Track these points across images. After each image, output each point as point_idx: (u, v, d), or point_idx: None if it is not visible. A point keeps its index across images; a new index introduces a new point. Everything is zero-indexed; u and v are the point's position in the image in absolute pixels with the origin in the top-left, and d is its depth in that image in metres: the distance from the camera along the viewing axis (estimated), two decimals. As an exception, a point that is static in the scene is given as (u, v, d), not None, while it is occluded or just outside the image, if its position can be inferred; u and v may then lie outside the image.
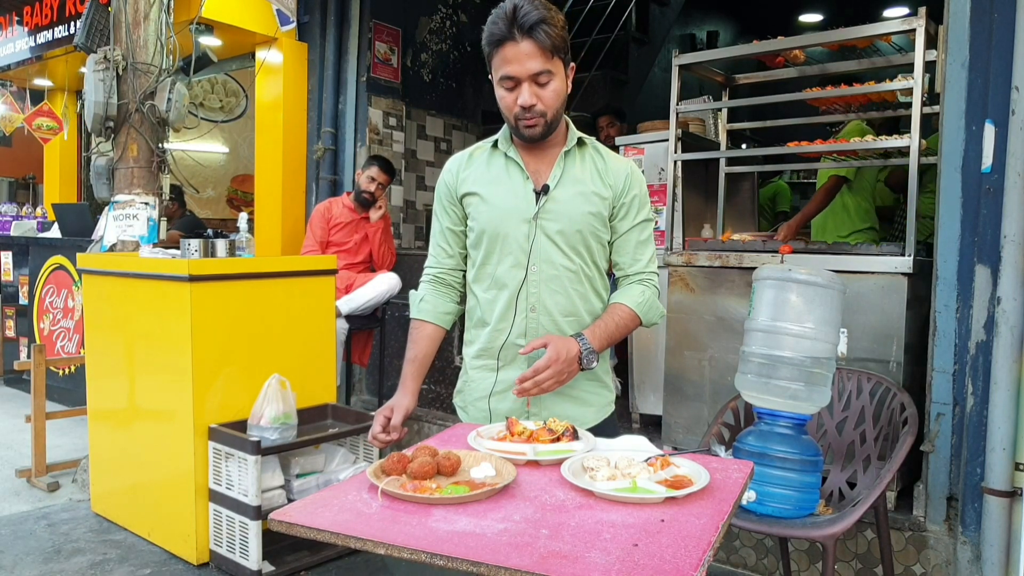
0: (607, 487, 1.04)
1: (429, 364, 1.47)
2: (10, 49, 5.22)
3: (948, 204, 2.15)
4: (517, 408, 1.41)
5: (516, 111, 1.32)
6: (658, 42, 6.29)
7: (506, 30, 1.27)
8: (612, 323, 1.38)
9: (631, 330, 1.43)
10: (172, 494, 2.49)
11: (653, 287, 1.43)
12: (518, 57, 1.28)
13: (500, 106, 1.36)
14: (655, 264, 1.46)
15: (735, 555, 2.48)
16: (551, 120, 1.34)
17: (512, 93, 1.32)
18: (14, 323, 4.97)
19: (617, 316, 1.39)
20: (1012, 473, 1.99)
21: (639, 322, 1.41)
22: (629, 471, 1.09)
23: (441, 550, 0.87)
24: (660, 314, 1.44)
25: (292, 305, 2.67)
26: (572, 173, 1.40)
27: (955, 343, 2.13)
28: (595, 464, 1.13)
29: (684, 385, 2.70)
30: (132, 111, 3.07)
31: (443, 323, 1.49)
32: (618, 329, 1.38)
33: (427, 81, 4.44)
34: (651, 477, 1.08)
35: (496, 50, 1.30)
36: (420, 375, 1.44)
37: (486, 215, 1.40)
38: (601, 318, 1.39)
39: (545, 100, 1.31)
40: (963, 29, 2.11)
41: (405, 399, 1.41)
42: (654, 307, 1.42)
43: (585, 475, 1.10)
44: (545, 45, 1.27)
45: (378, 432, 1.37)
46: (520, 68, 1.28)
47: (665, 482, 1.06)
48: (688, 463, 1.14)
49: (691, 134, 3.23)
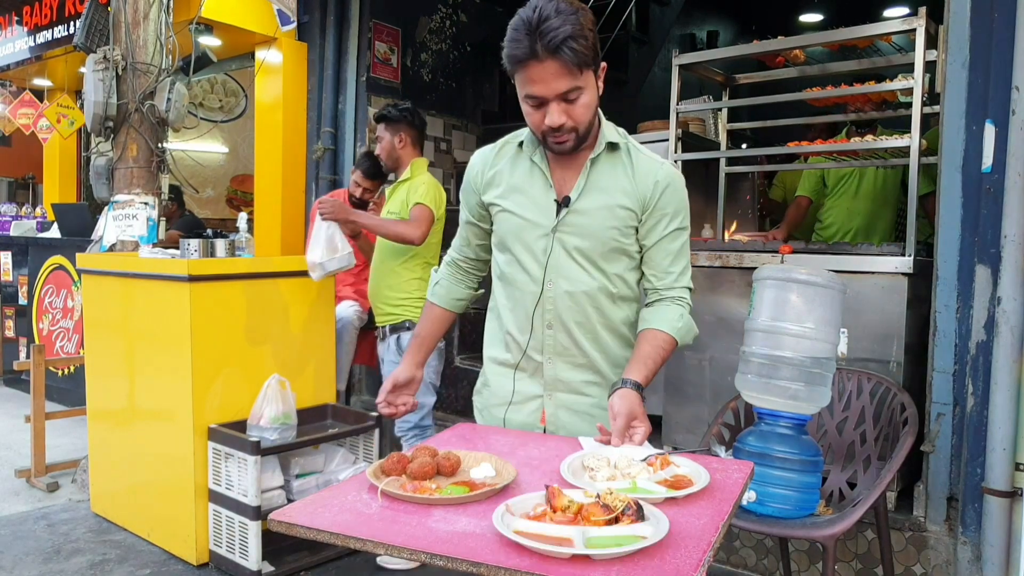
0: (606, 488, 1.03)
1: (434, 342, 1.50)
2: (9, 49, 5.22)
3: (948, 204, 2.15)
4: (531, 422, 1.37)
5: (544, 129, 1.23)
6: (658, 42, 6.28)
7: (528, 49, 1.14)
8: (658, 356, 1.28)
9: (670, 356, 1.32)
10: (172, 494, 2.49)
11: (687, 304, 1.33)
12: (544, 78, 1.16)
13: (527, 121, 1.26)
14: (688, 277, 1.34)
15: (735, 555, 2.48)
16: (583, 134, 1.25)
17: (539, 111, 1.21)
18: (13, 323, 4.97)
19: (658, 347, 1.28)
20: (1012, 473, 1.99)
21: (676, 347, 1.32)
22: (629, 471, 1.08)
23: (441, 550, 0.87)
24: (694, 335, 1.34)
25: (292, 305, 2.66)
26: (598, 182, 1.29)
27: (955, 343, 2.13)
28: (595, 464, 1.11)
29: (684, 385, 2.70)
30: (132, 111, 3.07)
31: (454, 308, 1.50)
32: (662, 361, 1.29)
33: (427, 81, 4.44)
34: (651, 477, 1.06)
35: (518, 68, 1.18)
36: (422, 349, 1.47)
37: (506, 224, 1.34)
38: (643, 351, 1.28)
39: (576, 116, 1.21)
40: (963, 29, 2.10)
41: (400, 369, 1.45)
42: (691, 330, 1.33)
43: (585, 475, 1.09)
44: (573, 63, 1.15)
45: (383, 407, 1.43)
46: (546, 89, 1.17)
47: (665, 482, 1.05)
48: (688, 463, 1.13)
49: (691, 134, 3.24)
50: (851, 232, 3.16)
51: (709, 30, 7.28)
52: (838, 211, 3.21)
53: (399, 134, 2.70)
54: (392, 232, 2.57)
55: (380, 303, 2.73)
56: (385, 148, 2.73)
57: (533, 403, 1.37)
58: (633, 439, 1.16)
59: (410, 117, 2.72)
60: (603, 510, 0.91)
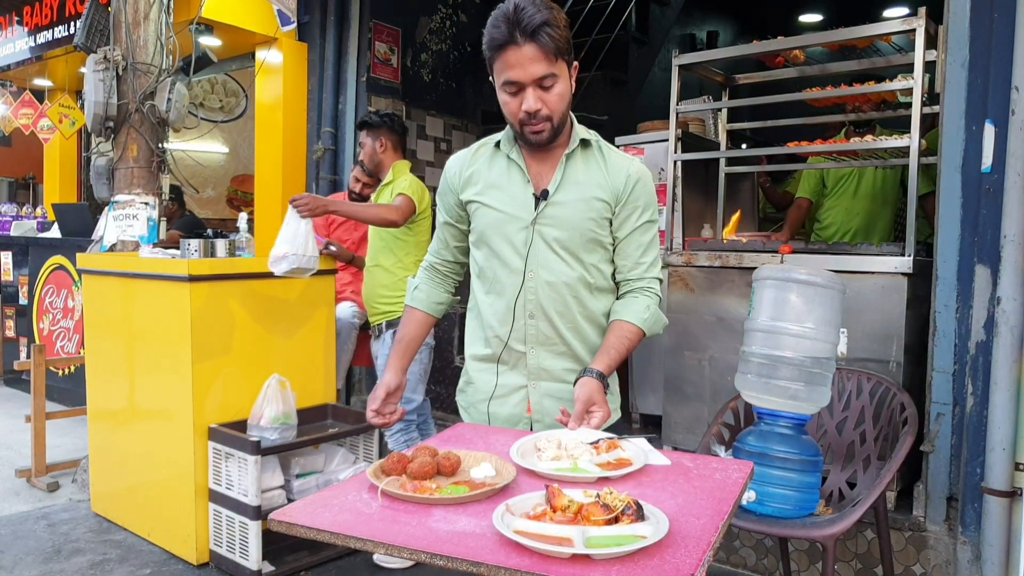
0: (549, 467, 1.10)
1: (416, 347, 1.52)
2: (10, 49, 5.22)
3: (948, 204, 2.15)
4: (517, 413, 1.40)
5: (521, 116, 1.29)
6: (658, 42, 6.28)
7: (508, 34, 1.23)
8: (622, 347, 1.34)
9: (636, 346, 1.39)
10: (172, 494, 2.49)
11: (655, 295, 1.40)
12: (521, 62, 1.24)
13: (504, 112, 1.33)
14: (658, 268, 1.42)
15: (735, 555, 2.48)
16: (557, 124, 1.31)
17: (516, 99, 1.29)
18: (14, 323, 4.97)
19: (623, 338, 1.35)
20: (1012, 473, 1.99)
21: (643, 336, 1.38)
22: (573, 453, 1.14)
23: (441, 550, 0.87)
24: (663, 325, 1.41)
25: (292, 305, 2.67)
26: (574, 176, 1.37)
27: (955, 343, 2.13)
28: (544, 445, 1.17)
29: (684, 385, 2.70)
30: (132, 111, 3.07)
31: (434, 312, 1.53)
32: (627, 351, 1.36)
33: (427, 81, 4.44)
34: (592, 459, 1.12)
35: (498, 54, 1.26)
36: (406, 354, 1.50)
37: (485, 219, 1.39)
38: (609, 342, 1.35)
39: (550, 104, 1.28)
40: (963, 29, 2.11)
41: (387, 375, 1.46)
42: (658, 320, 1.39)
43: (533, 455, 1.15)
44: (549, 48, 1.24)
45: (372, 417, 1.45)
46: (523, 73, 1.25)
47: (607, 464, 1.11)
48: (633, 448, 1.18)
49: (691, 134, 3.24)
50: (850, 232, 3.16)
51: (709, 30, 7.28)
52: (837, 211, 3.21)
53: (380, 139, 2.82)
54: (372, 215, 2.63)
55: (375, 302, 2.76)
56: (367, 153, 2.86)
57: (518, 394, 1.41)
58: (590, 423, 1.24)
59: (390, 122, 2.84)
60: (603, 510, 0.92)
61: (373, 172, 2.93)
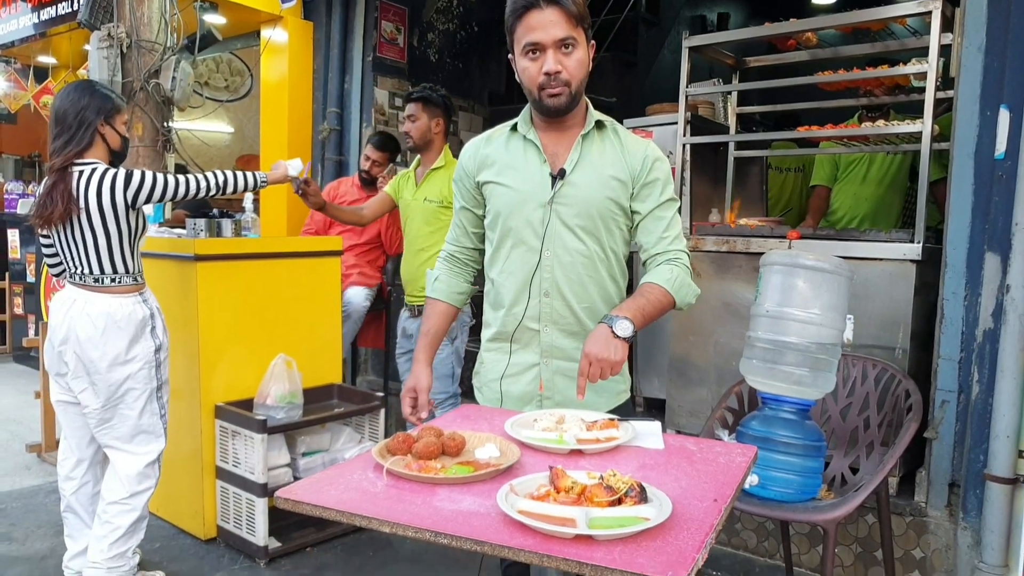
0: (530, 435, 1.14)
1: (441, 339, 1.53)
2: (13, 26, 5.18)
3: (959, 190, 2.13)
4: (530, 391, 1.41)
5: (541, 80, 1.31)
6: (668, 23, 6.19)
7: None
8: (643, 299, 1.30)
9: (666, 308, 1.33)
10: (180, 471, 2.52)
11: (683, 266, 1.36)
12: (543, 23, 1.28)
13: (523, 79, 1.34)
14: (683, 242, 1.39)
15: (736, 537, 2.50)
16: (575, 91, 1.33)
17: (536, 62, 1.31)
18: (22, 300, 5.00)
19: (647, 293, 1.31)
20: (1015, 460, 1.99)
21: (672, 300, 1.33)
22: (566, 427, 1.18)
23: (445, 529, 0.88)
24: (695, 293, 1.37)
25: (298, 285, 2.67)
26: (590, 157, 1.37)
27: (962, 331, 2.13)
28: (544, 418, 1.22)
29: (689, 369, 2.70)
30: (137, 89, 3.05)
31: (455, 302, 1.54)
32: (649, 304, 1.30)
33: (434, 61, 4.40)
34: (578, 434, 1.15)
35: (520, 19, 1.30)
36: (433, 348, 1.51)
37: (502, 199, 1.40)
38: (631, 297, 1.33)
39: (570, 69, 1.30)
40: (980, 11, 2.07)
41: (423, 375, 1.47)
42: (686, 285, 1.35)
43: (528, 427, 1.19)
44: (571, 12, 1.28)
45: (408, 413, 1.45)
46: (545, 35, 1.28)
47: (595, 440, 1.14)
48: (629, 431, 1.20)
49: (700, 117, 3.20)
50: (858, 218, 3.13)
51: (720, 12, 7.16)
52: (845, 197, 3.18)
53: (437, 119, 2.72)
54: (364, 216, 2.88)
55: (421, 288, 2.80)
56: (420, 128, 2.72)
57: (530, 372, 1.42)
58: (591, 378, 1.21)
59: (449, 104, 2.78)
60: (606, 491, 0.92)
61: (419, 148, 2.78)
